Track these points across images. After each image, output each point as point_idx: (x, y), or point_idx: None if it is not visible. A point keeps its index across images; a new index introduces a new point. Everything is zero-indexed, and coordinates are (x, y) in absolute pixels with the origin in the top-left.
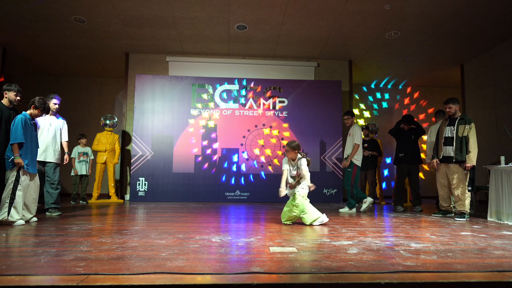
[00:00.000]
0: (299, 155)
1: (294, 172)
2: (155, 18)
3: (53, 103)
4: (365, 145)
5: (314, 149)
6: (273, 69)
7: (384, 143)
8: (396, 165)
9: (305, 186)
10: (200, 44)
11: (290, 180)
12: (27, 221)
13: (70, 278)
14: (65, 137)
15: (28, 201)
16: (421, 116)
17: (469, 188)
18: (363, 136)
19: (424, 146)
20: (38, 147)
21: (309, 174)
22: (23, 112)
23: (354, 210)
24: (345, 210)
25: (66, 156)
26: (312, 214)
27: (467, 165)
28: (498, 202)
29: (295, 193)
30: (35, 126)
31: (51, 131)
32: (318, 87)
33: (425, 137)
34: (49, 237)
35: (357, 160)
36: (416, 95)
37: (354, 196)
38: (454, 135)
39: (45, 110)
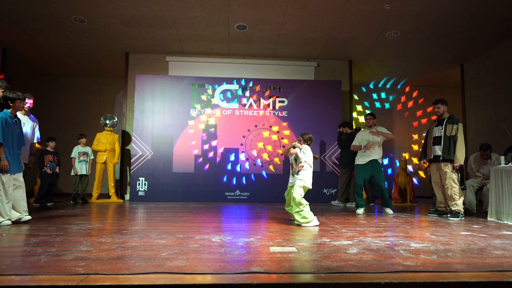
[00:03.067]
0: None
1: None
2: (155, 18)
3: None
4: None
5: (314, 149)
6: (273, 69)
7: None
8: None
9: (304, 177)
10: (200, 44)
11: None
12: (18, 221)
13: (70, 278)
14: (36, 138)
15: (15, 201)
16: (422, 117)
17: (462, 187)
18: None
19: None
20: (24, 145)
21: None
22: (4, 110)
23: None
24: (390, 211)
25: (31, 157)
26: (304, 216)
27: (454, 164)
28: (498, 202)
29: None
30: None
31: (26, 130)
32: (318, 87)
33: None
34: (49, 237)
35: (358, 160)
36: (416, 95)
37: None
38: (442, 134)
39: (21, 98)
